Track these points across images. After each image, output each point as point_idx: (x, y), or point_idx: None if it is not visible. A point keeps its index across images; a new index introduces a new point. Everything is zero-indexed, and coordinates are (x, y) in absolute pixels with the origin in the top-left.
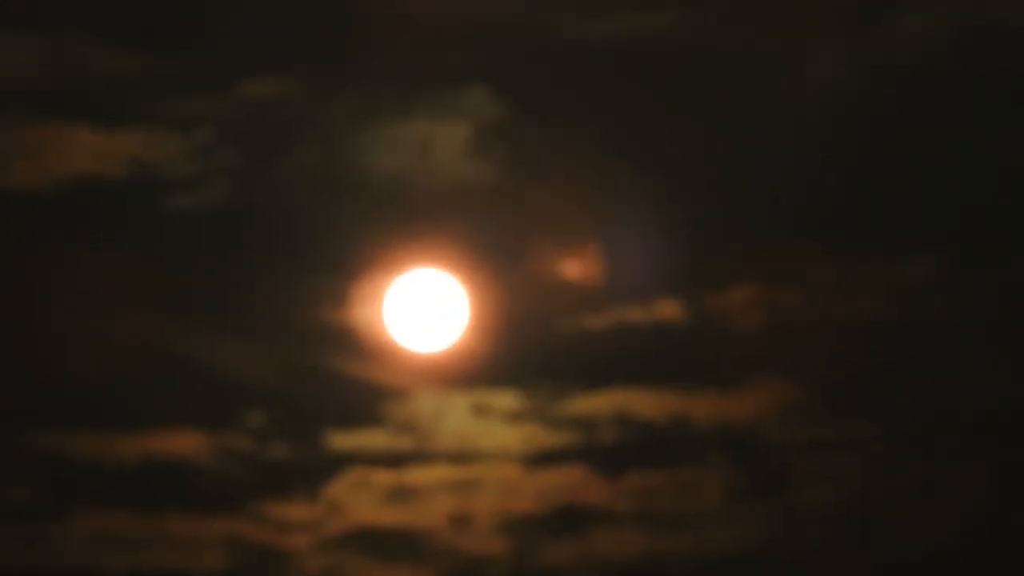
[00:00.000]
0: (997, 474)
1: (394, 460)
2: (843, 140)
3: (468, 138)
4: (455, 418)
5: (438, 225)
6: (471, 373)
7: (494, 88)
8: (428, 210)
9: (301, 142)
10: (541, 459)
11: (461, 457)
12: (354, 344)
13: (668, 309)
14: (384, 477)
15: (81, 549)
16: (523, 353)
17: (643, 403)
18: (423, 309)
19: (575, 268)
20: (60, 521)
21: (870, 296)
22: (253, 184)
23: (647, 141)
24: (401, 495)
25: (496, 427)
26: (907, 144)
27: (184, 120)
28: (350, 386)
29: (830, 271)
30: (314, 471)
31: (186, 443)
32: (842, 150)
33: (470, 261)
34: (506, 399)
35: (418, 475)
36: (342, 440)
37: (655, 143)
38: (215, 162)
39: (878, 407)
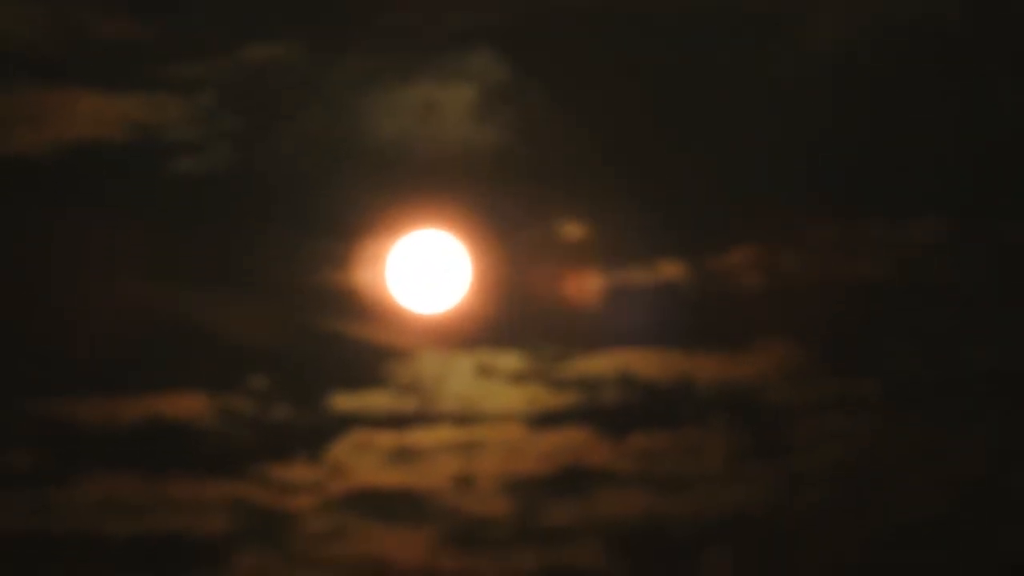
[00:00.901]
0: (1001, 434)
1: (397, 421)
2: (846, 99)
3: (472, 101)
4: (458, 379)
5: (441, 188)
6: (474, 334)
7: (499, 51)
8: (431, 173)
9: (303, 106)
10: (544, 420)
11: (464, 418)
12: (357, 306)
13: (670, 270)
14: (387, 438)
15: (85, 513)
16: (526, 314)
17: (646, 364)
18: (426, 271)
19: (578, 230)
20: (63, 486)
21: (873, 256)
22: (255, 148)
23: (650, 103)
24: (404, 456)
25: (499, 388)
26: (911, 104)
27: (186, 84)
28: (353, 348)
29: (832, 231)
30: (317, 433)
31: (189, 406)
32: (845, 110)
33: (473, 223)
34: (509, 360)
35: (421, 436)
36: (345, 402)
37: (658, 104)
38: (217, 126)
39: (881, 367)
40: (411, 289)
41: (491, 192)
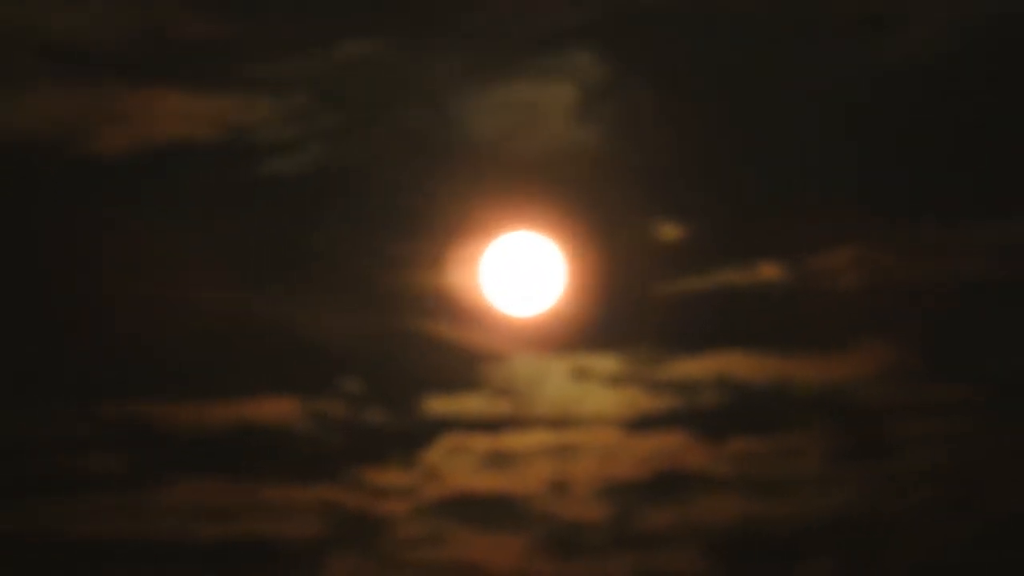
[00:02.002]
0: None
1: (492, 425)
2: (947, 98)
3: (571, 101)
4: (554, 383)
5: (536, 188)
6: (570, 337)
7: (598, 49)
8: (527, 173)
9: (398, 105)
10: (641, 424)
11: (560, 422)
12: (451, 308)
13: (769, 271)
14: (481, 442)
15: (175, 518)
16: (623, 317)
17: (744, 366)
18: (520, 272)
19: (675, 230)
20: (154, 490)
21: (973, 256)
22: (349, 148)
23: (751, 102)
24: (499, 461)
25: (595, 391)
26: (1012, 103)
27: (277, 83)
28: (447, 351)
29: (932, 231)
30: (410, 437)
31: (280, 410)
32: (946, 108)
33: (568, 224)
34: (605, 363)
35: (516, 440)
36: (439, 405)
37: (759, 103)
38: (309, 126)
39: (980, 368)
40: (505, 291)
41: (587, 192)
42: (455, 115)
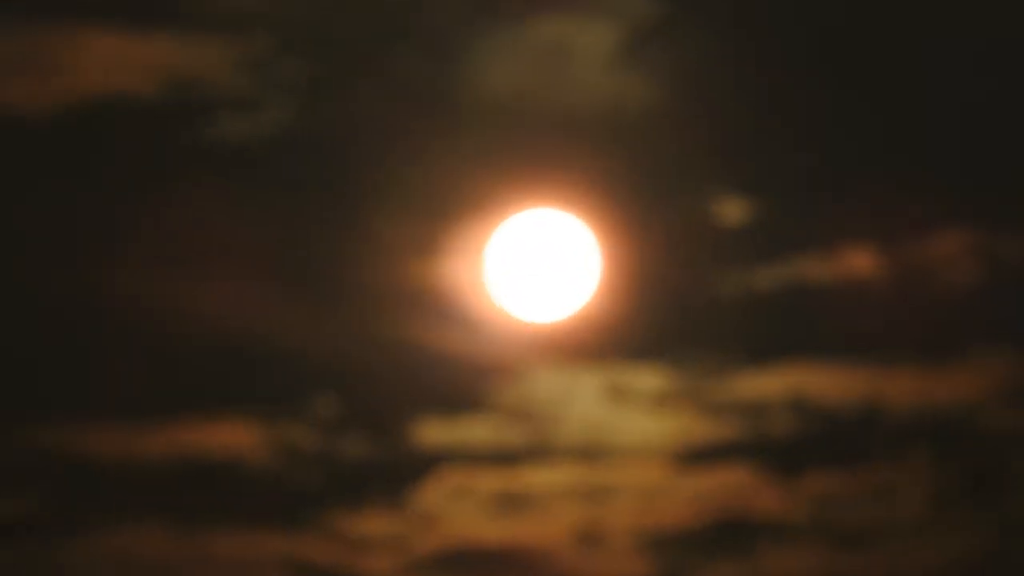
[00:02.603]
0: None
1: (503, 458)
2: None
3: (614, 45)
4: (582, 403)
5: (566, 155)
6: (603, 345)
7: None
8: (553, 136)
9: (390, 51)
10: (695, 456)
11: (590, 454)
12: (453, 309)
13: (857, 260)
14: (490, 480)
15: (100, 572)
16: (672, 319)
17: (826, 383)
18: (542, 262)
19: (739, 209)
20: (73, 536)
21: None
22: (323, 106)
23: (835, 52)
24: (513, 503)
25: (636, 415)
26: None
27: (234, 22)
28: (447, 363)
29: None
30: (399, 472)
31: (237, 438)
32: None
33: (605, 201)
34: (649, 378)
35: (534, 477)
36: (435, 432)
37: (845, 55)
38: (273, 77)
39: None
40: (522, 287)
41: (630, 161)
42: (461, 64)
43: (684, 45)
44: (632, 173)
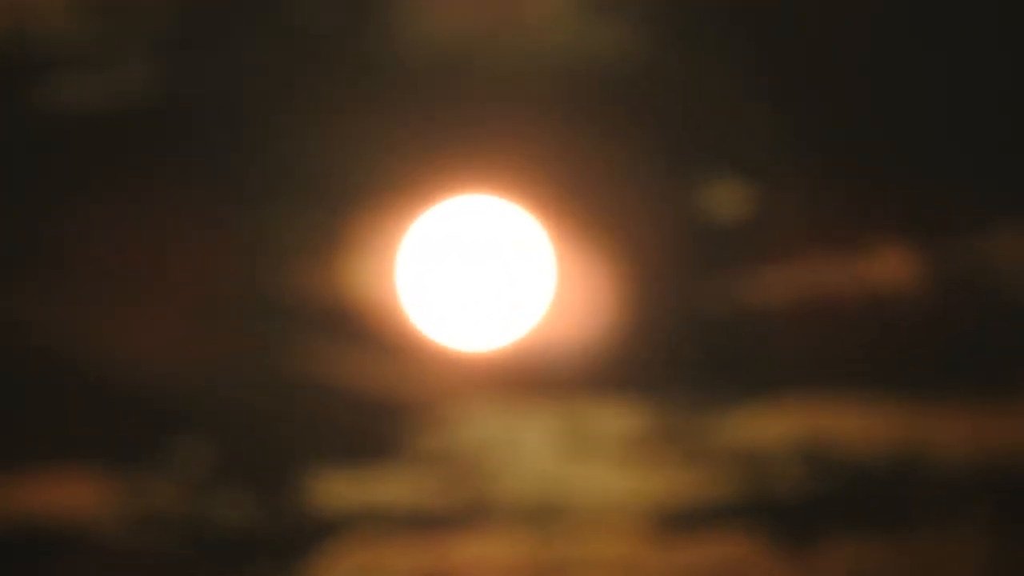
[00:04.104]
0: None
1: (425, 523)
2: None
3: None
4: (530, 452)
5: (512, 127)
6: (557, 376)
7: None
8: (498, 102)
9: None
10: (678, 521)
11: (541, 518)
12: (358, 331)
13: (893, 261)
14: (408, 552)
15: None
16: (648, 341)
17: (848, 424)
18: (475, 267)
19: (735, 199)
20: None
21: None
22: (194, 66)
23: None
24: None
25: (601, 466)
26: None
27: None
28: (351, 401)
29: None
30: (290, 541)
31: (76, 494)
32: None
33: (561, 186)
34: (618, 419)
35: (467, 549)
36: (337, 489)
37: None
38: (129, 28)
39: None
40: (450, 300)
41: (594, 135)
42: (376, 9)
43: None
44: (597, 151)
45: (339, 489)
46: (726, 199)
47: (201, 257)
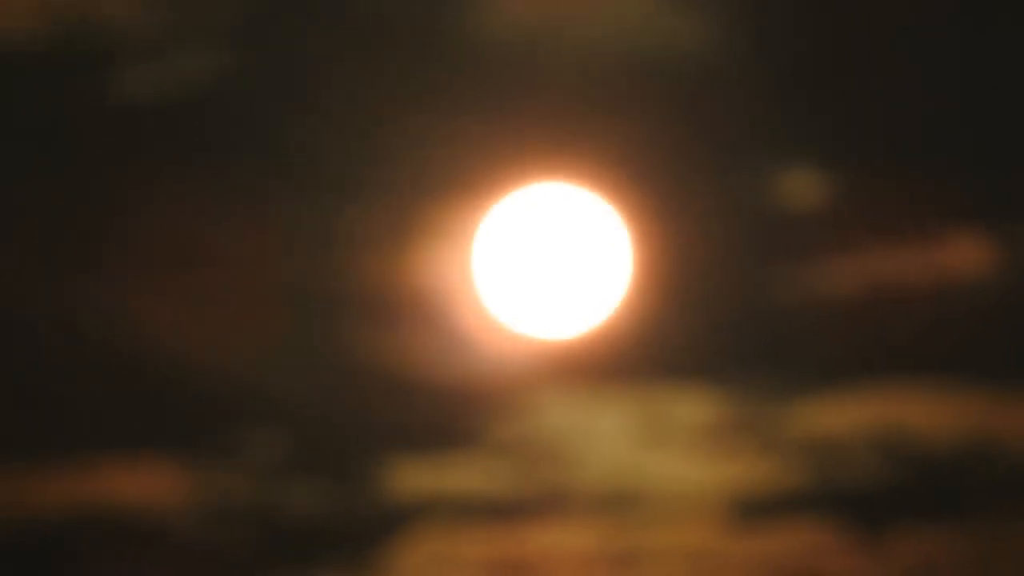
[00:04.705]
0: None
1: (500, 512)
2: None
3: None
4: (606, 440)
5: (589, 115)
6: (633, 364)
7: None
8: (575, 91)
9: None
10: (753, 509)
11: (617, 506)
12: (433, 320)
13: (963, 250)
14: (482, 540)
15: None
16: (722, 329)
17: (923, 413)
18: (551, 257)
19: (813, 188)
20: None
21: None
22: (263, 55)
23: None
24: (512, 571)
25: (676, 455)
26: None
27: None
28: (425, 389)
29: None
30: (363, 530)
31: (151, 485)
32: None
33: (638, 174)
34: (693, 407)
35: (542, 537)
36: (411, 478)
37: None
38: (195, 16)
39: None
40: (526, 289)
41: (671, 123)
42: None
43: None
44: (673, 139)
45: (414, 478)
46: (799, 188)
47: (276, 247)
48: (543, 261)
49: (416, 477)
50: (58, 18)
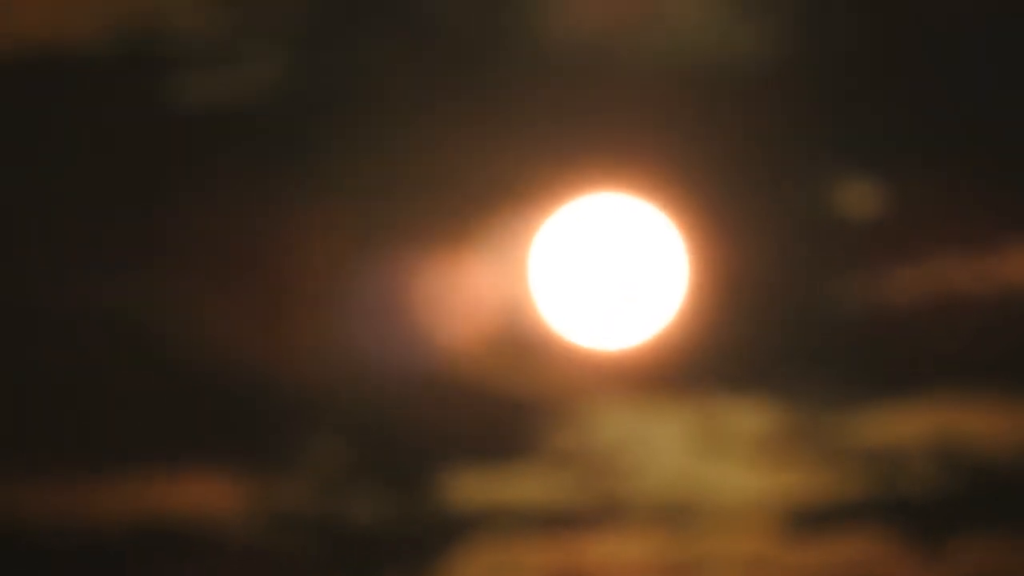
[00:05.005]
0: None
1: (559, 521)
2: None
3: None
4: (663, 450)
5: (645, 124)
6: (690, 373)
7: None
8: (631, 100)
9: None
10: (811, 519)
11: (674, 516)
12: (491, 329)
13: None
14: (541, 550)
15: None
16: (781, 339)
17: (982, 422)
18: (607, 267)
19: (868, 197)
20: None
21: None
22: (325, 62)
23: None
24: None
25: (734, 464)
26: None
27: None
28: (483, 399)
29: None
30: (424, 540)
31: (209, 496)
32: None
33: (694, 184)
34: (751, 417)
35: (600, 547)
36: (470, 488)
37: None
38: (258, 23)
39: None
40: (583, 298)
41: (728, 132)
42: (517, 2)
43: None
44: (729, 148)
45: (472, 488)
46: (856, 197)
47: (333, 257)
48: (600, 272)
49: (475, 487)
50: (121, 26)
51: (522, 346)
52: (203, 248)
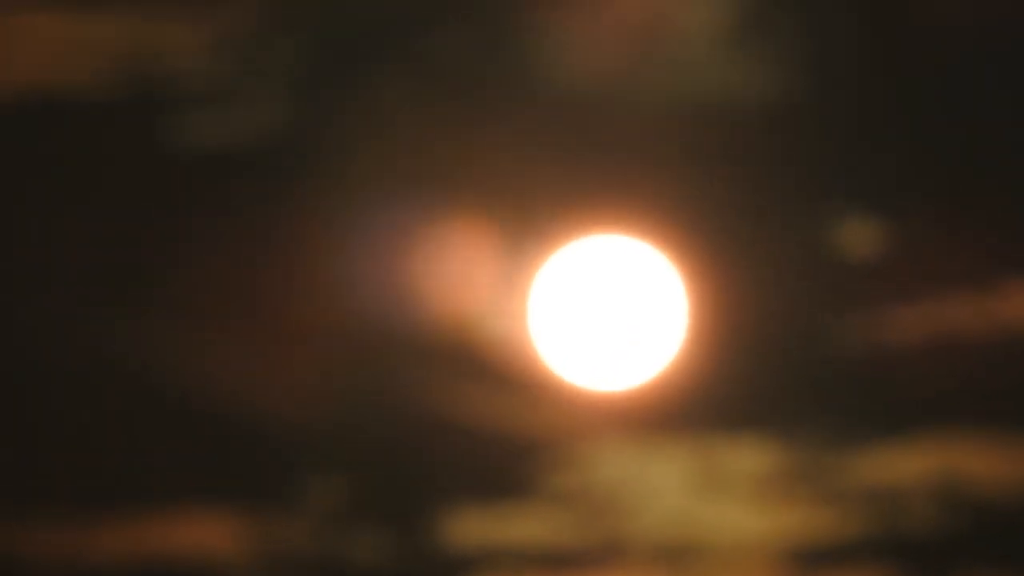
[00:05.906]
0: None
1: (558, 561)
2: None
3: (729, 24)
4: (663, 490)
5: (645, 164)
6: (690, 413)
7: None
8: (630, 141)
9: (418, 28)
10: (811, 559)
11: (674, 556)
12: (490, 368)
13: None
14: None
15: None
16: (781, 379)
17: (983, 462)
18: (607, 306)
19: (867, 236)
20: None
21: None
22: (326, 104)
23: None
24: None
25: (733, 504)
26: None
27: None
28: (484, 438)
29: None
30: None
31: (208, 534)
32: None
33: (693, 224)
34: (751, 456)
35: None
36: (470, 528)
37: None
38: (258, 64)
39: None
40: (583, 339)
41: (727, 173)
42: (515, 44)
43: (794, 31)
44: (730, 189)
45: (472, 528)
46: (858, 237)
47: (335, 296)
48: (600, 313)
49: (475, 527)
50: (122, 68)
51: (521, 386)
52: (203, 288)
